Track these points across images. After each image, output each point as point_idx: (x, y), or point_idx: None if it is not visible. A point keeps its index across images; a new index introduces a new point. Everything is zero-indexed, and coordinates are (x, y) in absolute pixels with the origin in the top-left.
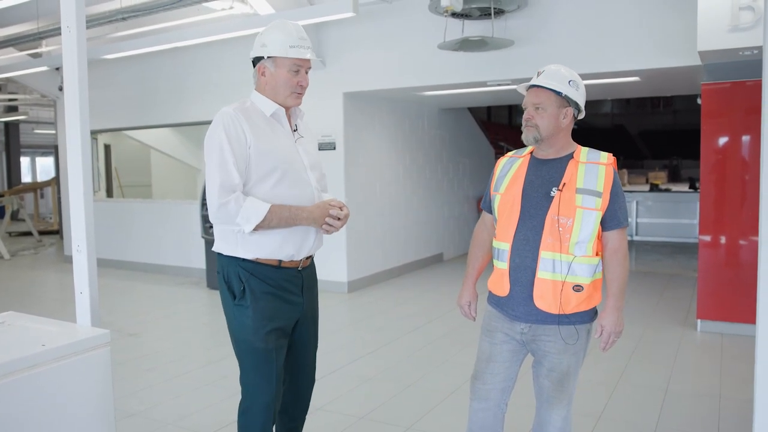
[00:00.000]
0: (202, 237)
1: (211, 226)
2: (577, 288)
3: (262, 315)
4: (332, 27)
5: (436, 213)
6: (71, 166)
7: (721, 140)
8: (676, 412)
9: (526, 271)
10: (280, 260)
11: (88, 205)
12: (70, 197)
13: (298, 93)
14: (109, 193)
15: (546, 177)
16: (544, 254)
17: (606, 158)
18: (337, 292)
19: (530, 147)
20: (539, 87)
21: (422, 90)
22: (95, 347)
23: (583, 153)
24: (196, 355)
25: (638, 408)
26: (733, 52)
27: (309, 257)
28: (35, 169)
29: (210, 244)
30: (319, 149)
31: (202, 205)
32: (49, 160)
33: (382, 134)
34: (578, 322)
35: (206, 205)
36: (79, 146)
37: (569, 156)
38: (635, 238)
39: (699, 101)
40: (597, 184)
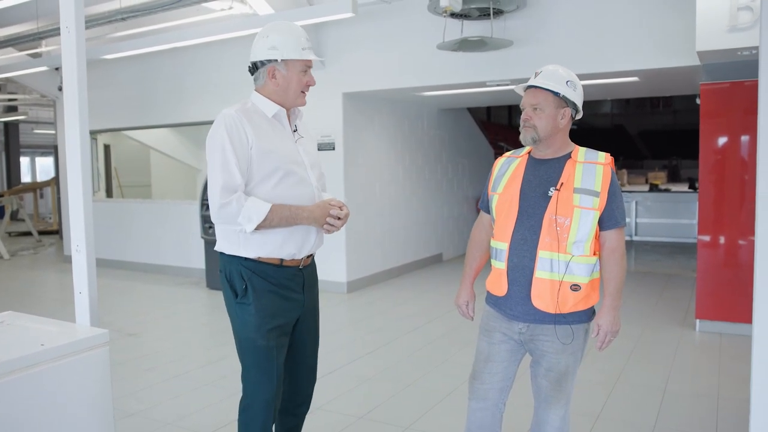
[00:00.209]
0: (202, 237)
1: (210, 227)
2: (575, 287)
3: (264, 313)
4: (331, 27)
5: (436, 213)
6: (70, 167)
7: (719, 140)
8: (674, 412)
9: (524, 271)
10: (281, 259)
11: (87, 205)
12: (69, 197)
13: (305, 92)
14: (109, 193)
15: (544, 177)
16: (542, 254)
17: (604, 158)
18: (337, 292)
19: (528, 147)
20: (537, 88)
21: (421, 90)
22: (94, 347)
23: (581, 153)
24: (195, 355)
25: (637, 408)
26: (732, 52)
27: (310, 256)
28: (35, 169)
29: (210, 244)
30: (319, 149)
31: (202, 205)
32: (49, 160)
33: (382, 134)
34: (575, 321)
35: (206, 205)
36: (79, 146)
37: (567, 156)
38: (634, 239)
39: (698, 101)
40: (594, 183)
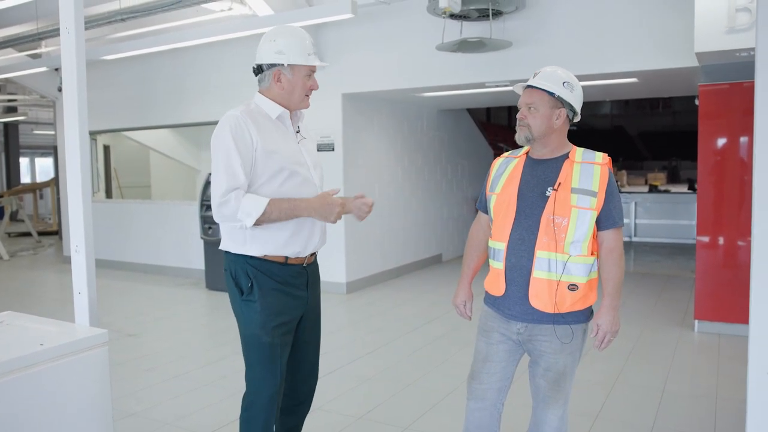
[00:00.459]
0: (201, 238)
1: (210, 227)
2: (573, 287)
3: (270, 310)
4: (331, 28)
5: (435, 214)
6: (70, 167)
7: (718, 141)
8: (673, 413)
9: (521, 271)
10: (286, 257)
11: (86, 205)
12: (68, 198)
13: (308, 95)
14: (109, 193)
15: (541, 177)
16: (539, 254)
17: (601, 158)
18: (336, 292)
19: (526, 147)
20: (534, 87)
21: (421, 91)
22: (93, 347)
23: (579, 153)
24: (195, 356)
25: (635, 408)
26: (730, 53)
27: (313, 254)
28: (34, 169)
29: (209, 245)
30: (318, 150)
31: (202, 205)
32: (49, 160)
33: (381, 135)
34: (573, 321)
35: (206, 206)
36: (78, 147)
37: (564, 156)
38: (634, 239)
39: (697, 102)
40: (592, 184)
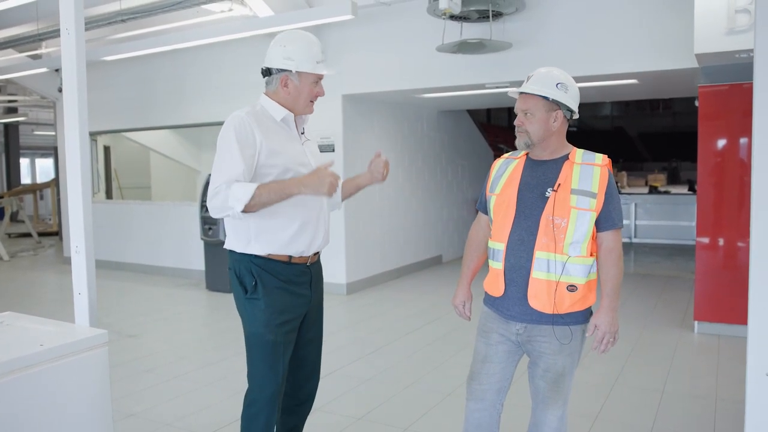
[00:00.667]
0: (202, 239)
1: (210, 228)
2: (572, 288)
3: (273, 308)
4: (331, 29)
5: (435, 215)
6: (70, 168)
7: (718, 142)
8: (672, 414)
9: (521, 271)
10: (290, 256)
11: (86, 206)
12: (69, 199)
13: (313, 101)
14: (109, 194)
15: (541, 178)
16: (538, 254)
17: (601, 159)
18: (336, 293)
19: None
20: (527, 93)
21: (421, 92)
22: (93, 347)
23: (578, 154)
24: (194, 357)
25: (635, 409)
26: (730, 54)
27: (317, 253)
28: (35, 170)
29: (209, 245)
30: (319, 151)
31: (202, 206)
32: (49, 161)
33: (381, 136)
34: (572, 322)
35: (206, 206)
36: (78, 148)
37: (564, 157)
38: (634, 240)
39: (696, 104)
40: (592, 185)
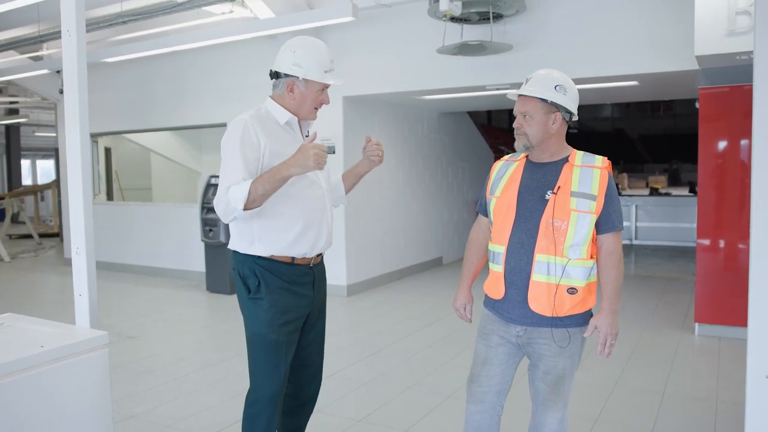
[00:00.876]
0: (202, 240)
1: (210, 230)
2: (572, 291)
3: (276, 308)
4: (332, 31)
5: (436, 217)
6: (71, 169)
7: (719, 144)
8: (672, 416)
9: (521, 274)
10: (293, 257)
11: (87, 207)
12: (69, 200)
13: (318, 109)
14: (110, 196)
15: (541, 180)
16: (538, 257)
17: (601, 162)
18: (337, 295)
19: None
20: (526, 95)
21: (421, 94)
22: (93, 349)
23: (578, 157)
24: (194, 358)
25: (635, 411)
26: (730, 56)
27: (320, 255)
28: (36, 171)
29: (210, 247)
30: None
31: (202, 208)
32: (50, 162)
33: (382, 138)
34: (572, 325)
35: (206, 208)
36: (79, 149)
37: (564, 159)
38: (634, 242)
39: (697, 105)
40: (592, 187)
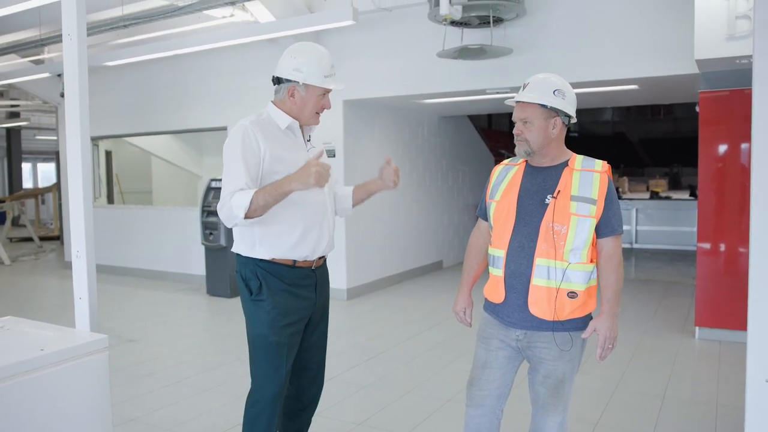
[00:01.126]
0: (203, 244)
1: (211, 233)
2: (572, 294)
3: (278, 310)
4: (332, 35)
5: (436, 220)
6: (71, 173)
7: (719, 148)
8: (673, 420)
9: (521, 278)
10: (294, 260)
11: (87, 211)
12: (70, 203)
13: (319, 113)
14: (110, 199)
15: (541, 184)
16: (538, 261)
17: (600, 166)
18: (337, 299)
19: None
20: (525, 102)
21: (422, 98)
22: (93, 352)
23: (578, 161)
24: (195, 362)
25: (635, 415)
26: (730, 60)
27: (322, 257)
28: (36, 175)
29: (210, 250)
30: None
31: (203, 211)
32: (51, 166)
33: (382, 142)
34: (573, 328)
35: (206, 211)
36: (79, 153)
37: (564, 164)
38: (635, 246)
39: (697, 109)
40: (591, 191)
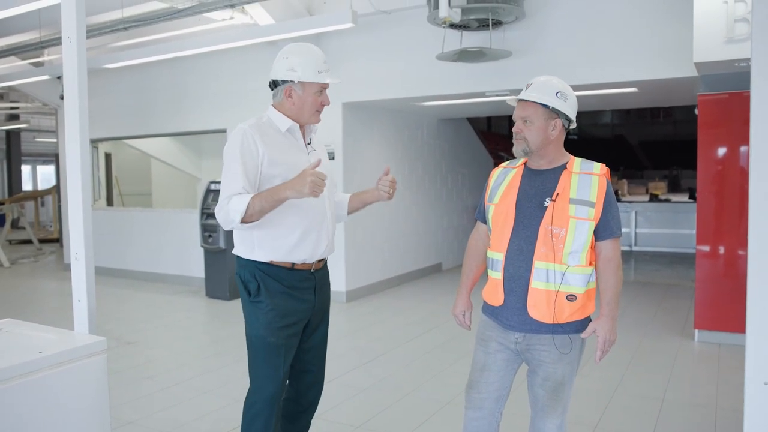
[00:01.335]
0: (202, 246)
1: (210, 235)
2: (571, 297)
3: (276, 311)
4: (331, 37)
5: (435, 223)
6: (70, 175)
7: (718, 151)
8: (672, 422)
9: (520, 281)
10: (293, 263)
11: (86, 213)
12: (68, 206)
13: (320, 111)
14: (110, 201)
15: (540, 187)
16: (537, 264)
17: (599, 169)
18: (336, 301)
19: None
20: (526, 100)
21: (421, 100)
22: (92, 354)
23: (577, 163)
24: (194, 364)
25: (634, 418)
26: (729, 63)
27: (321, 260)
28: (36, 177)
29: (209, 252)
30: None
31: (202, 214)
32: (50, 168)
33: (381, 144)
34: (572, 331)
35: (206, 214)
36: (78, 155)
37: (563, 166)
38: (634, 249)
39: (696, 112)
40: (590, 194)
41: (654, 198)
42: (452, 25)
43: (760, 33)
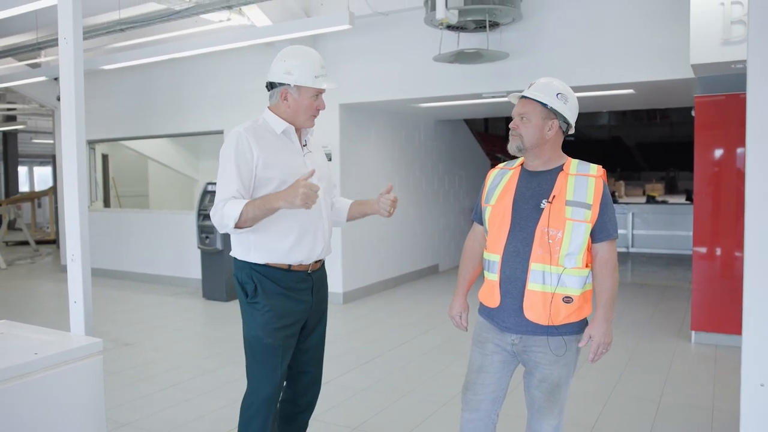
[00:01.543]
0: (199, 247)
1: (207, 237)
2: (567, 299)
3: (273, 312)
4: (329, 39)
5: (432, 224)
6: (67, 176)
7: (715, 152)
8: (669, 424)
9: (516, 283)
10: (289, 264)
11: (82, 214)
12: (65, 207)
13: (315, 115)
14: (107, 202)
15: (536, 189)
16: (534, 266)
17: (595, 170)
18: (333, 302)
19: (521, 159)
20: (527, 98)
21: (418, 102)
22: (88, 356)
23: (573, 165)
24: (190, 365)
25: (631, 419)
26: (726, 65)
27: (318, 261)
28: (33, 178)
29: (206, 254)
30: (326, 160)
31: (199, 215)
32: (47, 169)
33: (378, 145)
34: (567, 333)
35: (203, 215)
36: (75, 156)
37: (559, 168)
38: (631, 250)
39: (693, 114)
40: (586, 196)
41: (651, 199)
42: (449, 27)
43: (756, 35)
